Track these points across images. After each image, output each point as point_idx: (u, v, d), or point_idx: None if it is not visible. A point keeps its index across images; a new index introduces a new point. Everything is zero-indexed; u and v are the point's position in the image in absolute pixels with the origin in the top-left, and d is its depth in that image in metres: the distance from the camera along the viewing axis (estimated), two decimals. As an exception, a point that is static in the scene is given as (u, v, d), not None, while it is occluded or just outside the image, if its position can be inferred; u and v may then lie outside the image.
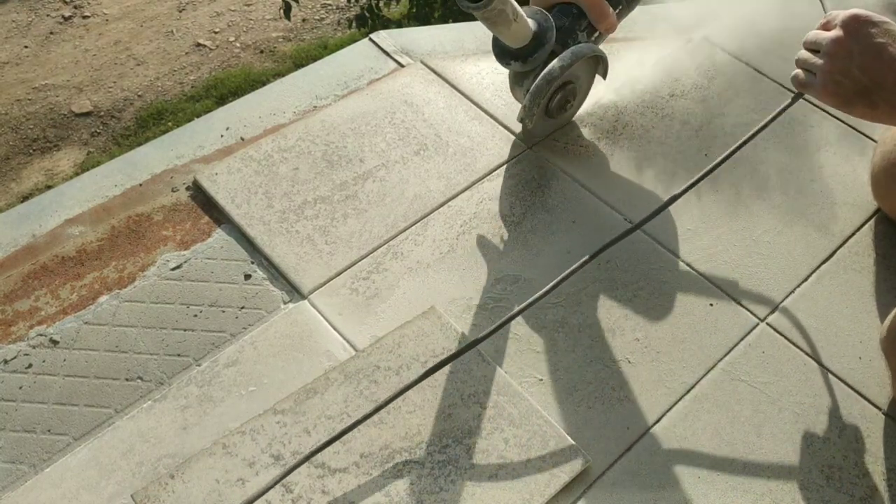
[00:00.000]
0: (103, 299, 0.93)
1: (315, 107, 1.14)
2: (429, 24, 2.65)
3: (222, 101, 3.06)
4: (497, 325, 0.81)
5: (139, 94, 3.18)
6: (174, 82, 3.22)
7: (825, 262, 0.96)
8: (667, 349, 0.88)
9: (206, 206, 1.02)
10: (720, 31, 1.22)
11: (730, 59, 1.19)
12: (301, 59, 3.29)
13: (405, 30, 1.27)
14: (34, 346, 0.89)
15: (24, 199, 2.77)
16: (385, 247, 0.97)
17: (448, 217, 1.00)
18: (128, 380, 0.86)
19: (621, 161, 1.06)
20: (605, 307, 0.92)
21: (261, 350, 0.88)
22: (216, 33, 3.44)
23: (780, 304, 0.92)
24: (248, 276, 0.95)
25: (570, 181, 1.04)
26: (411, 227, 0.99)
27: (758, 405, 0.84)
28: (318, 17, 3.59)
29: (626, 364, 0.87)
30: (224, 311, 0.92)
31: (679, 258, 0.96)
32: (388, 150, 1.07)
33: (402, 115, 1.11)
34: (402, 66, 1.19)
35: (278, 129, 1.10)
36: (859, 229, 0.99)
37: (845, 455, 0.80)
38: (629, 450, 0.81)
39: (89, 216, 1.01)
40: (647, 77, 1.16)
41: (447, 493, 0.77)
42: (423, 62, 1.18)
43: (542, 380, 0.86)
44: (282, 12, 2.71)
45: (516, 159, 1.06)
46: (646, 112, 1.12)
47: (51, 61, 3.30)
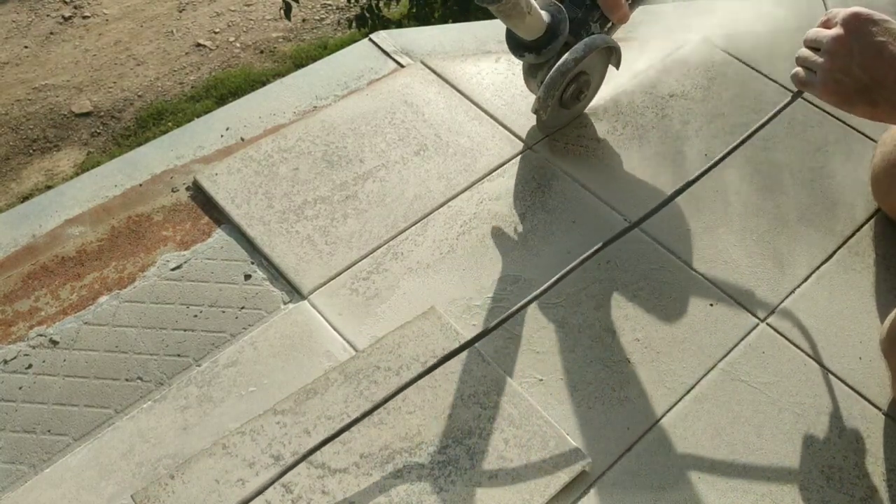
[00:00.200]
0: (103, 299, 0.93)
1: (315, 107, 1.14)
2: (429, 24, 2.65)
3: (222, 101, 3.06)
4: (495, 324, 0.81)
5: (139, 94, 3.17)
6: (174, 82, 3.22)
7: (825, 262, 0.96)
8: (667, 349, 0.88)
9: (206, 206, 1.02)
10: (720, 32, 1.22)
11: (730, 59, 1.19)
12: (301, 60, 3.29)
13: (405, 30, 1.27)
14: (34, 347, 0.89)
15: (24, 199, 2.77)
16: (385, 247, 0.97)
17: (448, 217, 1.00)
18: (128, 380, 0.86)
19: (621, 161, 1.06)
20: (605, 307, 0.92)
21: (261, 350, 0.88)
22: (216, 33, 3.44)
23: (780, 304, 0.92)
24: (248, 277, 0.95)
25: (570, 181, 1.04)
26: (411, 227, 0.99)
27: (758, 405, 0.84)
28: (318, 18, 3.59)
29: (626, 364, 0.87)
30: (224, 312, 0.91)
31: (679, 258, 0.96)
32: (388, 151, 1.07)
33: (402, 116, 1.11)
34: (401, 66, 1.19)
35: (278, 130, 1.10)
36: (859, 229, 0.99)
37: (845, 455, 0.80)
38: (629, 450, 0.81)
39: (89, 216, 1.01)
40: (647, 77, 1.16)
41: (447, 494, 0.77)
42: (423, 62, 1.18)
43: (542, 380, 0.86)
44: (282, 12, 2.71)
45: (516, 159, 1.06)
46: (646, 112, 1.12)
47: (51, 61, 3.30)
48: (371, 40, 1.23)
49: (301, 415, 0.82)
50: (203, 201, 1.02)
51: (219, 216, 1.01)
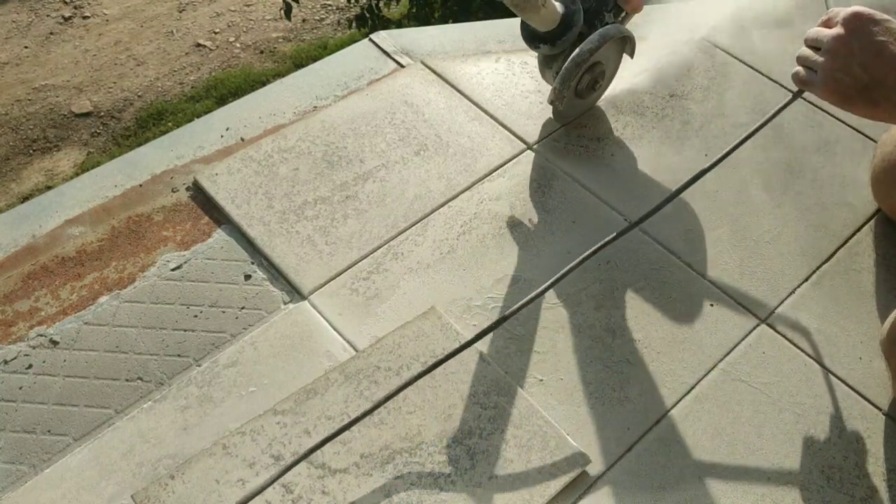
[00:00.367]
0: (103, 300, 0.93)
1: (315, 107, 1.14)
2: (429, 24, 2.65)
3: (222, 101, 3.06)
4: (493, 323, 0.81)
5: (139, 94, 3.18)
6: (174, 82, 3.22)
7: (825, 262, 0.96)
8: (667, 349, 0.88)
9: (207, 206, 1.02)
10: (720, 32, 1.22)
11: (730, 59, 1.19)
12: (301, 60, 3.29)
13: (405, 30, 1.27)
14: (34, 347, 0.89)
15: (24, 199, 2.77)
16: (385, 247, 0.97)
17: (448, 217, 1.00)
18: (128, 380, 0.86)
19: (622, 161, 1.06)
20: (605, 308, 0.92)
21: (261, 350, 0.88)
22: (216, 34, 3.44)
23: (780, 304, 0.92)
24: (248, 277, 0.95)
25: (571, 181, 1.04)
26: (411, 227, 0.99)
27: (758, 406, 0.84)
28: (318, 18, 3.59)
29: (626, 364, 0.87)
30: (224, 312, 0.91)
31: (679, 259, 0.96)
32: (389, 151, 1.07)
33: (402, 116, 1.11)
34: (402, 66, 1.19)
35: (278, 130, 1.10)
36: (859, 230, 0.99)
37: (846, 456, 0.80)
38: (629, 450, 0.81)
39: (89, 216, 1.01)
40: (647, 77, 1.16)
41: (447, 494, 0.77)
42: (423, 62, 1.18)
43: (542, 380, 0.86)
44: (282, 13, 2.71)
45: (516, 160, 1.06)
46: (646, 112, 1.12)
47: (51, 62, 3.30)
48: (371, 40, 1.23)
49: (301, 415, 0.82)
50: (203, 201, 1.02)
51: (219, 216, 1.01)
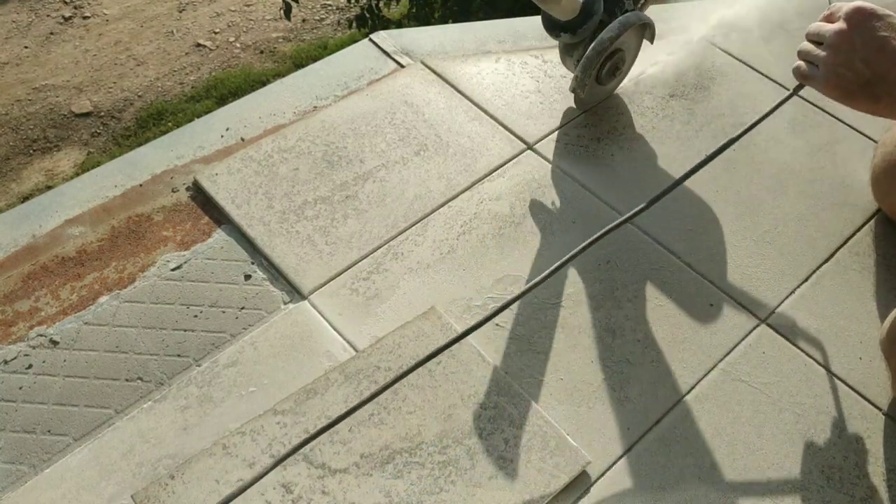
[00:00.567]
0: (103, 300, 0.93)
1: (315, 107, 1.14)
2: (429, 24, 2.65)
3: (222, 101, 3.06)
4: (487, 316, 0.78)
5: (139, 94, 3.18)
6: (174, 82, 3.22)
7: (825, 262, 0.96)
8: (667, 349, 0.88)
9: (207, 206, 1.02)
10: (720, 32, 1.22)
11: (730, 59, 1.19)
12: (301, 60, 3.29)
13: (405, 30, 1.27)
14: (34, 347, 0.89)
15: (25, 199, 2.77)
16: (385, 247, 0.97)
17: (448, 217, 1.00)
18: (128, 380, 0.86)
19: (622, 161, 1.06)
20: (605, 307, 0.92)
21: (261, 350, 0.88)
22: (216, 34, 3.44)
23: (780, 304, 0.92)
24: (248, 277, 0.95)
25: (571, 181, 1.04)
26: (411, 227, 0.99)
27: (758, 406, 0.84)
28: (318, 18, 3.59)
29: (626, 364, 0.87)
30: (224, 312, 0.91)
31: (680, 259, 0.96)
32: (389, 151, 1.07)
33: (402, 116, 1.11)
34: (402, 66, 1.19)
35: (278, 130, 1.10)
36: (859, 230, 0.99)
37: (846, 455, 0.80)
38: (629, 450, 0.81)
39: (89, 216, 1.01)
40: (647, 78, 1.16)
41: (447, 494, 0.77)
42: (423, 62, 1.18)
43: (542, 380, 0.86)
44: (282, 13, 2.71)
45: (516, 160, 1.06)
46: (646, 112, 1.12)
47: (51, 62, 3.30)
48: (371, 40, 1.23)
49: (301, 415, 0.82)
50: (203, 201, 1.02)
51: (219, 216, 1.01)
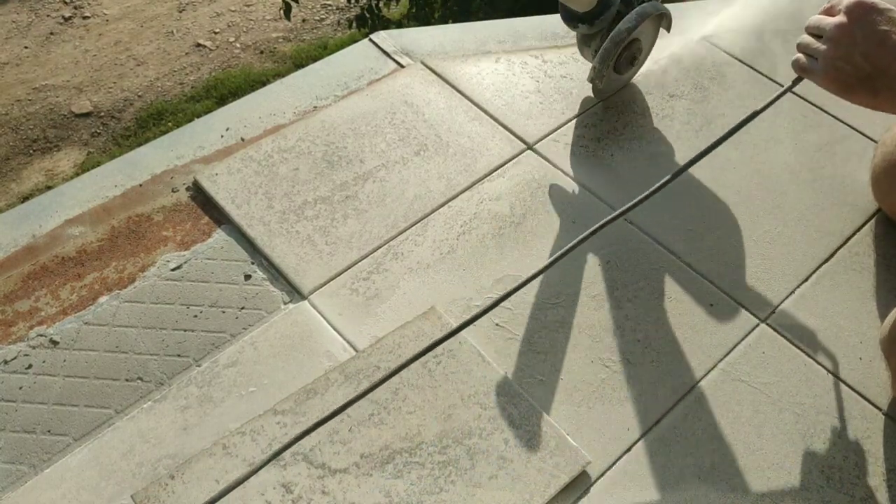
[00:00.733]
0: (103, 300, 0.93)
1: (315, 107, 1.14)
2: (429, 24, 2.65)
3: (222, 101, 3.06)
4: (482, 310, 0.77)
5: (139, 94, 3.18)
6: (174, 83, 3.22)
7: (825, 262, 0.96)
8: (667, 349, 0.88)
9: (207, 206, 1.02)
10: (720, 32, 1.22)
11: (730, 59, 1.19)
12: (301, 60, 3.29)
13: (405, 30, 1.27)
14: (34, 347, 0.89)
15: (25, 199, 2.77)
16: (385, 247, 0.97)
17: (448, 217, 1.00)
18: (128, 380, 0.86)
19: (622, 161, 1.06)
20: (605, 307, 0.92)
21: (261, 350, 0.88)
22: (216, 34, 3.44)
23: (780, 304, 0.92)
24: (248, 277, 0.95)
25: (571, 181, 1.04)
26: (411, 227, 0.99)
27: (758, 406, 0.84)
28: (318, 18, 3.59)
29: (626, 364, 0.87)
30: (224, 312, 0.91)
31: (680, 259, 0.96)
32: (389, 151, 1.07)
33: (402, 116, 1.11)
34: (402, 66, 1.19)
35: (278, 130, 1.10)
36: (859, 230, 0.99)
37: (845, 455, 0.80)
38: (629, 450, 0.81)
39: (89, 216, 1.01)
40: (647, 78, 1.16)
41: (447, 494, 0.77)
42: (423, 63, 1.18)
43: (542, 380, 0.86)
44: (282, 13, 2.71)
45: (516, 160, 1.06)
46: (646, 113, 1.12)
47: (51, 62, 3.30)
48: (371, 40, 1.23)
49: (301, 415, 0.82)
50: (203, 201, 1.02)
51: (219, 216, 1.01)
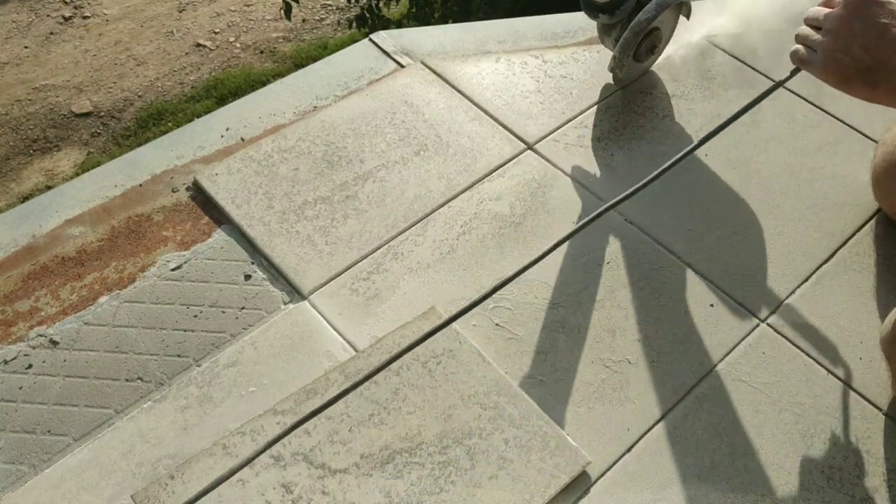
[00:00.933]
0: (103, 300, 0.93)
1: (315, 107, 1.14)
2: (428, 24, 2.65)
3: (222, 101, 3.06)
4: (475, 300, 0.75)
5: (139, 94, 3.18)
6: (174, 83, 3.22)
7: (826, 262, 0.96)
8: (667, 350, 0.88)
9: (207, 206, 1.02)
10: (721, 31, 1.22)
11: (730, 59, 1.19)
12: (301, 60, 3.29)
13: (405, 30, 1.27)
14: (34, 347, 0.89)
15: (24, 199, 2.77)
16: (385, 247, 0.97)
17: (448, 218, 1.00)
18: (128, 380, 0.86)
19: (622, 161, 1.06)
20: (605, 308, 0.92)
21: (261, 351, 0.88)
22: (216, 34, 3.44)
23: (780, 304, 0.92)
24: (248, 277, 0.94)
25: (571, 181, 1.04)
26: (411, 227, 0.99)
27: (758, 406, 0.84)
28: (318, 18, 3.59)
29: (626, 364, 0.87)
30: (224, 312, 0.91)
31: (680, 259, 0.96)
32: (389, 151, 1.07)
33: (402, 116, 1.11)
34: (402, 66, 1.19)
35: (278, 130, 1.10)
36: (860, 230, 0.99)
37: (846, 456, 0.80)
38: (630, 450, 0.81)
39: (89, 216, 1.01)
40: (647, 78, 1.16)
41: (447, 494, 0.77)
42: (423, 62, 1.18)
43: (542, 380, 0.86)
44: (282, 12, 2.71)
45: (516, 160, 1.06)
46: (646, 113, 1.12)
47: (51, 62, 3.30)
48: (371, 40, 1.23)
49: (301, 415, 0.82)
50: (203, 201, 1.02)
51: (219, 216, 1.01)
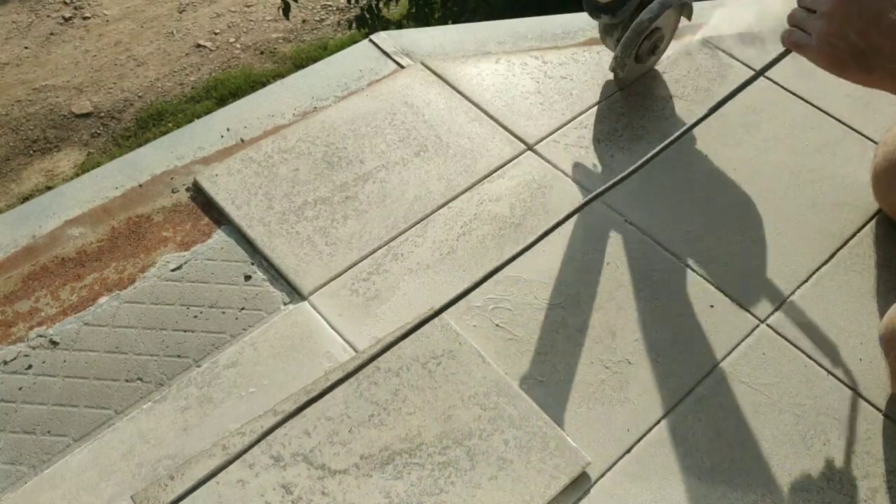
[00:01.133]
0: (103, 300, 0.93)
1: (315, 108, 1.14)
2: (428, 24, 2.65)
3: (222, 102, 3.06)
4: (465, 289, 0.73)
5: (139, 94, 3.18)
6: (174, 83, 3.22)
7: (826, 263, 0.96)
8: (667, 350, 0.88)
9: (207, 207, 1.02)
10: (720, 33, 1.22)
11: (730, 59, 1.19)
12: (301, 60, 3.29)
13: (405, 31, 1.27)
14: (34, 347, 0.89)
15: (24, 200, 2.77)
16: (385, 248, 0.97)
17: (448, 218, 1.00)
18: (128, 381, 0.86)
19: (622, 162, 1.06)
20: (605, 308, 0.91)
21: (261, 351, 0.88)
22: (216, 34, 3.44)
23: (780, 305, 0.92)
24: (248, 278, 0.94)
25: (571, 182, 1.04)
26: (411, 228, 0.99)
27: (758, 407, 0.84)
28: (318, 18, 3.59)
29: (626, 365, 0.87)
30: (224, 313, 0.91)
31: (680, 260, 0.96)
32: (389, 152, 1.07)
33: (402, 117, 1.11)
34: (402, 67, 1.19)
35: (278, 131, 1.10)
36: (860, 230, 0.99)
37: (846, 457, 0.80)
38: (629, 451, 0.81)
39: (89, 217, 1.01)
40: (647, 79, 1.16)
41: (447, 495, 0.77)
42: (423, 63, 1.18)
43: (542, 381, 0.86)
44: (281, 12, 2.71)
45: (516, 161, 1.06)
46: (646, 114, 1.12)
47: (51, 62, 3.30)
48: (371, 41, 1.23)
49: (301, 416, 0.82)
50: (203, 202, 1.02)
51: (219, 217, 1.01)
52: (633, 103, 1.13)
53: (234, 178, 1.03)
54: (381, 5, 2.75)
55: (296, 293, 0.93)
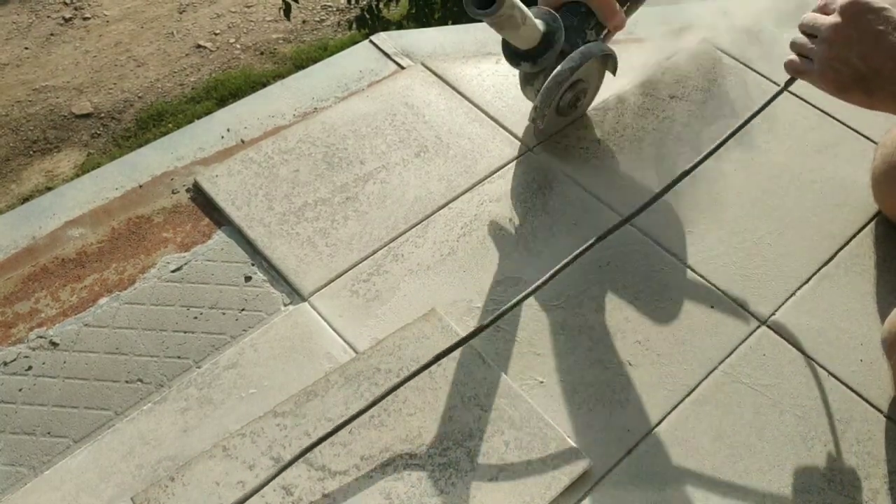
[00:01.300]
0: (103, 301, 0.93)
1: (315, 108, 1.14)
2: (428, 25, 2.65)
3: (223, 102, 3.06)
4: (490, 320, 0.80)
5: (139, 95, 3.18)
6: (174, 84, 3.22)
7: (826, 264, 0.96)
8: (668, 351, 0.88)
9: (207, 207, 1.02)
10: (720, 33, 1.22)
11: (730, 60, 1.19)
12: (301, 61, 3.29)
13: (405, 31, 1.27)
14: (34, 349, 0.89)
15: (24, 200, 2.77)
16: (385, 249, 0.97)
17: (449, 219, 1.00)
18: (128, 382, 0.86)
19: (623, 163, 1.06)
20: (606, 309, 0.91)
21: (261, 352, 0.88)
22: (216, 35, 3.44)
23: (780, 306, 0.92)
24: (248, 278, 0.94)
25: (572, 183, 1.04)
26: (412, 229, 0.99)
27: (759, 408, 0.84)
28: (318, 19, 3.59)
29: (626, 366, 0.87)
30: (224, 314, 0.91)
31: (680, 260, 0.96)
32: (389, 152, 1.07)
33: (402, 117, 1.11)
34: (402, 67, 1.19)
35: (278, 131, 1.10)
36: (860, 231, 0.99)
37: (847, 458, 0.80)
38: (630, 452, 0.81)
39: (89, 218, 1.01)
40: (647, 79, 1.16)
41: (447, 496, 0.77)
42: (423, 64, 1.18)
43: (542, 382, 0.86)
44: (282, 13, 2.71)
45: (517, 161, 1.06)
46: (647, 114, 1.12)
47: (51, 63, 3.30)
48: (371, 42, 1.23)
49: (301, 417, 0.82)
50: (203, 203, 1.02)
51: (219, 218, 1.01)
52: (634, 104, 1.13)
53: (234, 178, 1.03)
54: (381, 6, 2.75)
55: (296, 294, 0.93)
